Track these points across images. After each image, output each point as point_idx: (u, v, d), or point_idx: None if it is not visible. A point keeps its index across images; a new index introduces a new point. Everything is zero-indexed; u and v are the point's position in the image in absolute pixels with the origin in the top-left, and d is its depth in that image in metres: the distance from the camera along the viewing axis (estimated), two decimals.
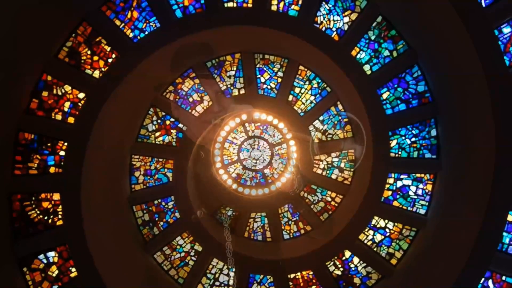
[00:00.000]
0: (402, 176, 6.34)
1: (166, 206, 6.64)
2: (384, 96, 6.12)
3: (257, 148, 7.42)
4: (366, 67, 6.02)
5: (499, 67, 4.96)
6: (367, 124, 5.96)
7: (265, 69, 6.61)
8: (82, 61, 5.75)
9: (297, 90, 6.65)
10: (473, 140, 5.42)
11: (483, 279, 5.63)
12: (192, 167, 6.84)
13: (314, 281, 6.62)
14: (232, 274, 6.64)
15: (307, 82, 6.62)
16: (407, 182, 6.32)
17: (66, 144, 5.70)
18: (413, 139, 6.19)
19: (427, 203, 6.22)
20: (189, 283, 6.52)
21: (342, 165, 6.85)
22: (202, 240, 6.57)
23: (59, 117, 5.78)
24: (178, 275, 6.58)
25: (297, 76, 6.61)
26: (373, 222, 6.48)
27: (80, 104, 5.81)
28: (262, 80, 6.64)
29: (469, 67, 5.03)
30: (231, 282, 6.60)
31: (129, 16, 5.78)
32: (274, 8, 5.89)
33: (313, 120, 6.70)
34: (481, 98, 5.05)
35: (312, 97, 6.64)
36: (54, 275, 5.70)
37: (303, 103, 6.68)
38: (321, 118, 6.72)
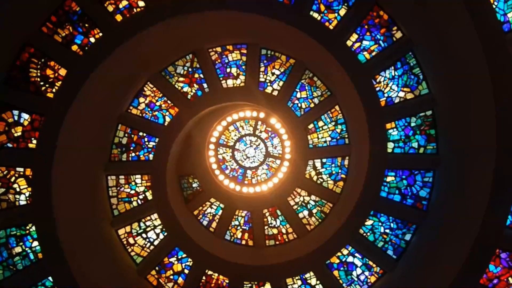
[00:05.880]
0: (356, 255, 6.33)
1: (147, 143, 6.62)
2: (388, 179, 6.11)
3: (254, 148, 7.43)
4: (390, 145, 6.02)
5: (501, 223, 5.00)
6: (358, 191, 5.96)
7: (306, 88, 6.60)
8: None
9: (320, 123, 6.65)
10: (437, 267, 5.43)
11: None
12: (190, 126, 6.84)
13: None
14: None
15: (333, 123, 6.63)
16: (358, 262, 6.32)
17: (100, 34, 5.70)
18: (387, 231, 6.19)
19: None
20: (122, 218, 6.51)
21: (315, 211, 6.85)
22: (156, 190, 6.54)
23: (110, 8, 5.78)
24: (117, 206, 6.55)
25: (329, 112, 6.61)
26: (307, 275, 6.47)
27: (135, 10, 5.81)
28: (298, 95, 6.64)
29: (475, 205, 5.06)
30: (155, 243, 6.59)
31: None
32: (349, 43, 5.89)
33: (316, 157, 6.72)
34: (465, 240, 5.09)
35: (329, 138, 6.64)
36: (15, 135, 5.67)
37: (318, 138, 6.68)
38: (324, 160, 6.73)
